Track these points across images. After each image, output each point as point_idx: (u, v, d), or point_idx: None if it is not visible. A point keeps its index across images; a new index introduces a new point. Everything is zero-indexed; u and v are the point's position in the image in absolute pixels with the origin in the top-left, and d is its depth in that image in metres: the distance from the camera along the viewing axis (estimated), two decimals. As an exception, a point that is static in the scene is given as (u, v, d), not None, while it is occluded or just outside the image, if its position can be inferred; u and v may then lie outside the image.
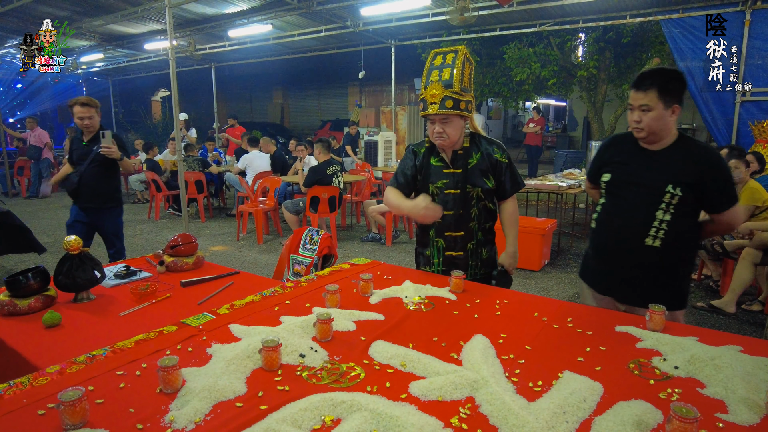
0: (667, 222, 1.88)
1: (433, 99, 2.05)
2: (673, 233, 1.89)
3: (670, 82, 1.83)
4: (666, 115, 1.84)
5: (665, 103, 1.83)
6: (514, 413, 1.11)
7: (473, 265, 2.26)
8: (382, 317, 1.70)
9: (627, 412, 1.13)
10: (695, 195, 1.87)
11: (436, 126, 2.11)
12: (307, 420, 1.11)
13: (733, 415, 1.13)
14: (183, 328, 1.62)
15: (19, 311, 1.77)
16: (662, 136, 1.90)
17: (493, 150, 2.21)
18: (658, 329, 1.59)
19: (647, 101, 1.83)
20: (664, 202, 1.88)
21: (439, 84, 2.03)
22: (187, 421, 1.11)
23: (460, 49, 2.05)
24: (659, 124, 1.85)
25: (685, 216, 1.90)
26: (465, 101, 2.06)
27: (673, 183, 1.86)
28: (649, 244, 1.91)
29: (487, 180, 2.20)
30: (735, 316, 3.81)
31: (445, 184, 2.21)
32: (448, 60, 2.05)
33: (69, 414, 1.08)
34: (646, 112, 1.85)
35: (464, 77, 2.06)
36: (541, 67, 9.24)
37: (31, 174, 10.05)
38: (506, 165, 2.23)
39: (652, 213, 1.90)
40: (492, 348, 1.46)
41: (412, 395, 1.21)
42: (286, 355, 1.40)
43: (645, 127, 1.87)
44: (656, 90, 1.82)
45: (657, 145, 1.93)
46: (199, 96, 18.38)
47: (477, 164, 2.19)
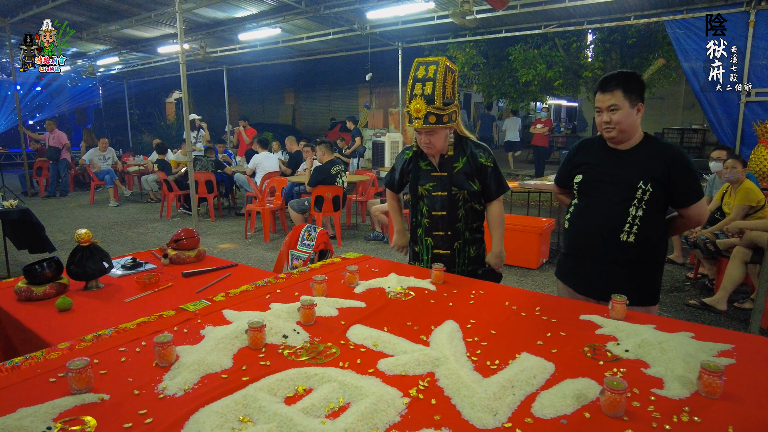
0: (640, 217, 1.98)
1: (417, 114, 2.16)
2: (645, 228, 1.99)
3: (631, 81, 1.95)
4: (632, 113, 1.96)
5: (630, 102, 1.94)
6: (467, 386, 1.24)
7: (460, 263, 2.39)
8: (363, 305, 1.84)
9: (570, 387, 1.25)
10: (664, 191, 1.97)
11: (422, 137, 2.24)
12: (282, 389, 1.25)
13: (667, 390, 1.25)
14: (181, 312, 1.77)
15: (35, 297, 1.94)
16: (630, 134, 2.00)
17: (478, 154, 2.33)
18: (620, 318, 1.71)
19: (615, 101, 1.94)
20: (636, 198, 1.97)
21: (422, 99, 2.14)
22: (177, 389, 1.26)
23: (440, 61, 2.15)
24: (628, 122, 1.96)
25: (656, 211, 2.00)
26: (448, 114, 2.17)
27: (643, 179, 1.96)
28: (624, 239, 2.00)
29: (473, 183, 2.32)
30: (726, 314, 3.87)
31: (433, 186, 2.34)
32: (430, 73, 2.14)
33: (76, 380, 1.23)
34: (614, 112, 1.95)
35: (446, 89, 2.16)
36: (547, 68, 9.30)
37: (49, 174, 10.39)
38: (491, 169, 2.34)
39: (625, 209, 1.99)
40: (459, 332, 1.59)
41: (379, 370, 1.35)
42: (271, 336, 1.55)
43: (616, 125, 1.96)
44: (621, 90, 1.93)
45: (625, 144, 2.03)
46: (211, 98, 18.72)
47: (463, 168, 2.31)
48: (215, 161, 8.09)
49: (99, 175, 9.62)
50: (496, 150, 16.43)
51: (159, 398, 1.22)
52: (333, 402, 1.19)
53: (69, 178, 10.70)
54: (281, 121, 22.20)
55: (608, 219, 2.03)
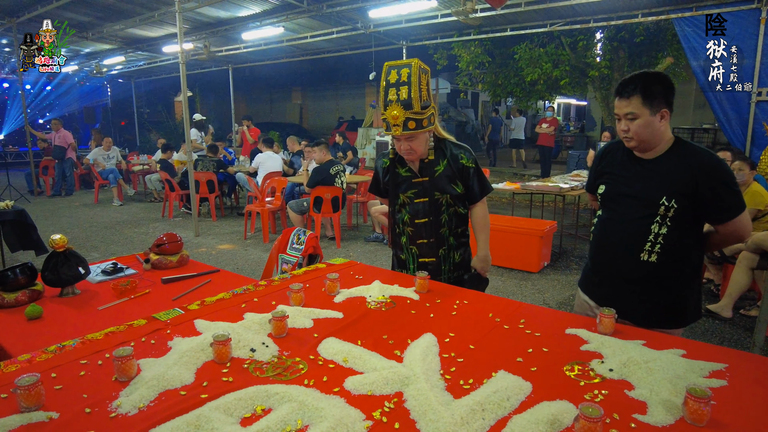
0: (664, 236, 1.78)
1: (395, 121, 2.05)
2: (670, 247, 1.78)
3: (654, 85, 1.72)
4: (654, 121, 1.74)
5: (651, 109, 1.73)
6: (434, 409, 1.17)
7: (446, 270, 2.31)
8: (340, 315, 1.77)
9: (546, 411, 1.17)
10: (693, 206, 1.74)
11: (402, 144, 2.14)
12: (240, 409, 1.19)
13: (650, 416, 1.16)
14: (152, 322, 1.72)
15: (7, 304, 1.90)
16: (654, 143, 1.79)
17: (459, 155, 2.23)
18: (608, 333, 1.62)
19: (632, 108, 1.74)
20: (659, 215, 1.77)
21: (399, 105, 2.04)
22: (131, 407, 1.20)
23: (413, 63, 2.04)
24: (648, 132, 1.75)
25: (684, 229, 1.78)
26: (427, 117, 2.08)
27: (667, 194, 1.75)
28: (645, 259, 1.81)
29: (455, 186, 2.23)
30: (731, 321, 3.75)
31: (414, 193, 2.25)
32: (404, 77, 2.04)
33: (24, 397, 1.18)
34: (632, 120, 1.75)
35: (422, 92, 2.06)
36: (553, 67, 9.17)
37: (55, 173, 10.46)
38: (473, 170, 2.24)
39: (646, 226, 1.80)
40: (436, 346, 1.52)
41: (345, 389, 1.28)
42: (239, 349, 1.49)
43: (633, 136, 1.77)
44: (640, 96, 1.72)
45: (650, 153, 1.82)
46: (219, 97, 18.78)
47: (444, 171, 2.22)
48: (217, 161, 8.07)
49: (103, 174, 9.65)
50: (503, 149, 16.29)
51: (110, 417, 1.16)
52: (290, 425, 1.13)
53: (74, 177, 10.76)
54: (289, 120, 22.23)
55: (628, 237, 1.84)
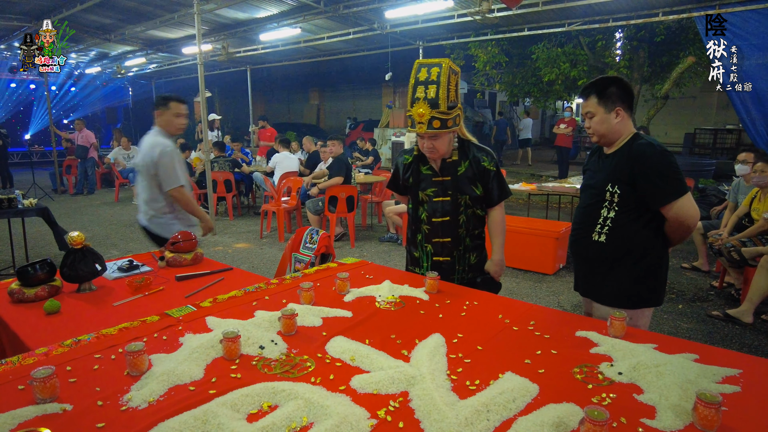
0: (612, 219, 2.00)
1: (420, 119, 2.07)
2: (618, 229, 1.99)
3: (608, 87, 1.96)
4: (609, 118, 1.97)
5: (606, 108, 1.96)
6: (439, 409, 1.17)
7: (460, 270, 2.30)
8: (350, 314, 1.78)
9: (552, 413, 1.16)
10: (634, 192, 1.94)
11: (425, 142, 2.15)
12: (247, 405, 1.20)
13: (659, 421, 1.15)
14: (165, 318, 1.75)
15: (27, 299, 1.96)
16: (612, 138, 2.01)
17: (481, 158, 2.24)
18: (618, 335, 1.60)
19: (589, 108, 2.00)
20: (607, 200, 2.00)
21: (425, 103, 2.05)
22: (142, 401, 1.22)
23: (443, 63, 2.05)
24: (604, 127, 1.98)
25: (630, 212, 1.97)
26: (452, 118, 2.08)
27: (611, 182, 1.98)
28: (596, 239, 2.04)
29: (475, 187, 2.23)
30: (752, 327, 3.65)
31: (434, 191, 2.25)
32: (433, 75, 2.05)
33: (40, 389, 1.22)
34: (591, 118, 2.01)
35: (450, 92, 2.07)
36: (571, 67, 9.05)
37: (77, 172, 10.71)
38: (494, 173, 2.25)
39: (597, 211, 2.04)
40: (444, 347, 1.52)
41: (351, 387, 1.29)
42: (248, 346, 1.51)
43: (593, 132, 2.02)
44: (595, 96, 1.98)
45: (610, 148, 2.04)
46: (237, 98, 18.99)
47: (465, 172, 2.22)
48: (232, 161, 8.17)
49: (123, 173, 9.85)
50: (510, 149, 16.19)
51: (121, 410, 1.19)
52: (295, 421, 1.14)
53: (96, 176, 11.00)
54: (306, 121, 22.36)
55: (584, 219, 2.10)
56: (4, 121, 16.00)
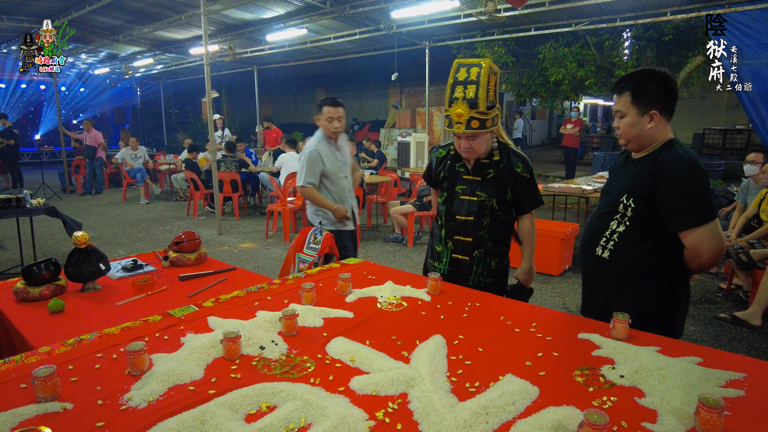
0: (619, 233, 1.77)
1: (458, 119, 2.03)
2: (624, 245, 1.76)
3: (647, 84, 1.67)
4: (641, 122, 1.70)
5: (639, 109, 1.69)
6: (437, 411, 1.16)
7: (478, 273, 2.25)
8: (351, 315, 1.78)
9: (551, 416, 1.15)
10: (652, 208, 1.69)
11: (462, 142, 2.11)
12: (246, 405, 1.21)
13: (660, 425, 1.13)
14: (167, 318, 1.76)
15: (32, 298, 1.98)
16: (643, 143, 1.75)
17: (516, 163, 2.20)
18: (621, 338, 1.59)
19: (620, 106, 1.73)
20: (619, 212, 1.78)
21: (464, 103, 2.00)
22: (141, 400, 1.23)
23: (484, 63, 2.00)
24: (634, 132, 1.72)
25: (642, 230, 1.74)
26: (490, 119, 2.04)
27: (627, 193, 1.75)
28: (598, 254, 1.83)
29: (506, 192, 2.20)
30: (760, 329, 3.61)
31: (462, 189, 2.23)
32: (473, 75, 2.00)
33: (41, 388, 1.22)
34: (621, 118, 1.74)
35: (489, 93, 2.03)
36: (578, 67, 9.00)
37: (86, 172, 10.80)
38: (527, 180, 2.21)
39: (606, 223, 1.82)
40: (444, 348, 1.51)
41: (350, 388, 1.28)
42: (248, 346, 1.51)
43: (622, 134, 1.76)
44: (630, 93, 1.69)
45: (638, 153, 1.80)
46: (244, 98, 19.06)
47: (497, 175, 2.18)
48: (239, 161, 8.20)
49: (131, 173, 9.93)
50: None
51: (121, 410, 1.20)
52: (293, 422, 1.14)
53: (104, 175, 11.10)
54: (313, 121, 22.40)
55: (592, 230, 1.90)
56: (15, 121, 16.19)
